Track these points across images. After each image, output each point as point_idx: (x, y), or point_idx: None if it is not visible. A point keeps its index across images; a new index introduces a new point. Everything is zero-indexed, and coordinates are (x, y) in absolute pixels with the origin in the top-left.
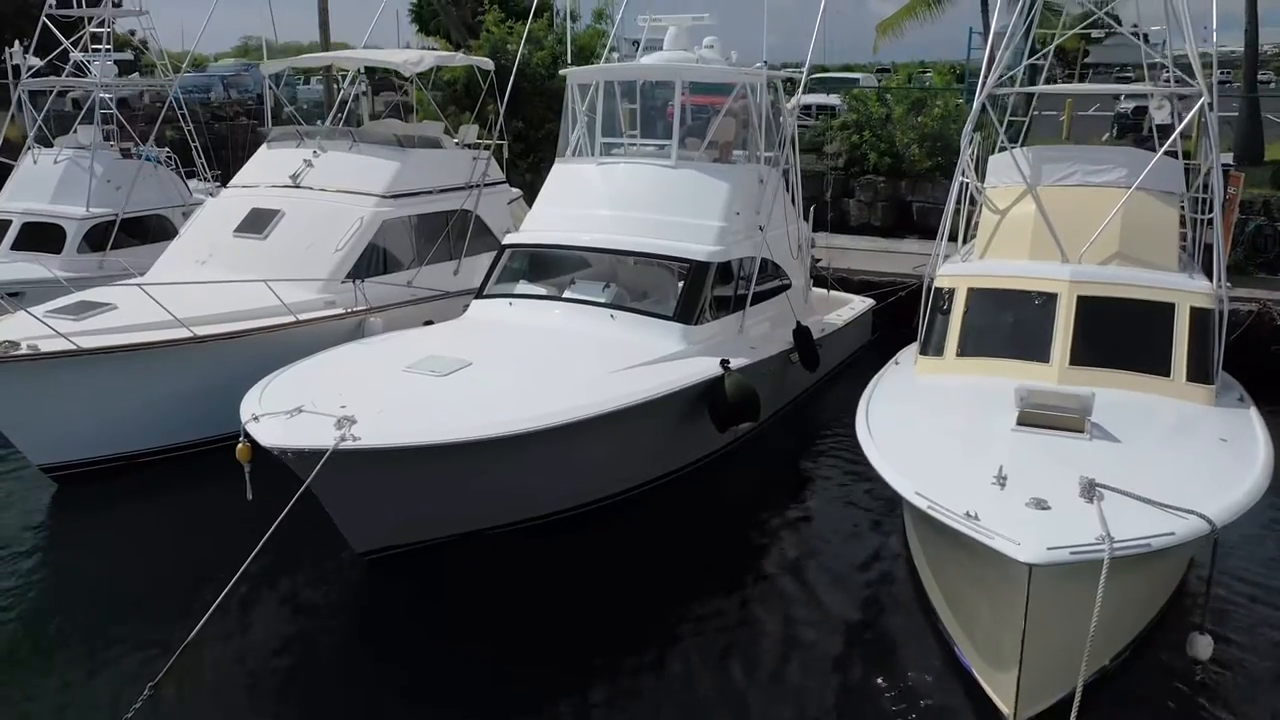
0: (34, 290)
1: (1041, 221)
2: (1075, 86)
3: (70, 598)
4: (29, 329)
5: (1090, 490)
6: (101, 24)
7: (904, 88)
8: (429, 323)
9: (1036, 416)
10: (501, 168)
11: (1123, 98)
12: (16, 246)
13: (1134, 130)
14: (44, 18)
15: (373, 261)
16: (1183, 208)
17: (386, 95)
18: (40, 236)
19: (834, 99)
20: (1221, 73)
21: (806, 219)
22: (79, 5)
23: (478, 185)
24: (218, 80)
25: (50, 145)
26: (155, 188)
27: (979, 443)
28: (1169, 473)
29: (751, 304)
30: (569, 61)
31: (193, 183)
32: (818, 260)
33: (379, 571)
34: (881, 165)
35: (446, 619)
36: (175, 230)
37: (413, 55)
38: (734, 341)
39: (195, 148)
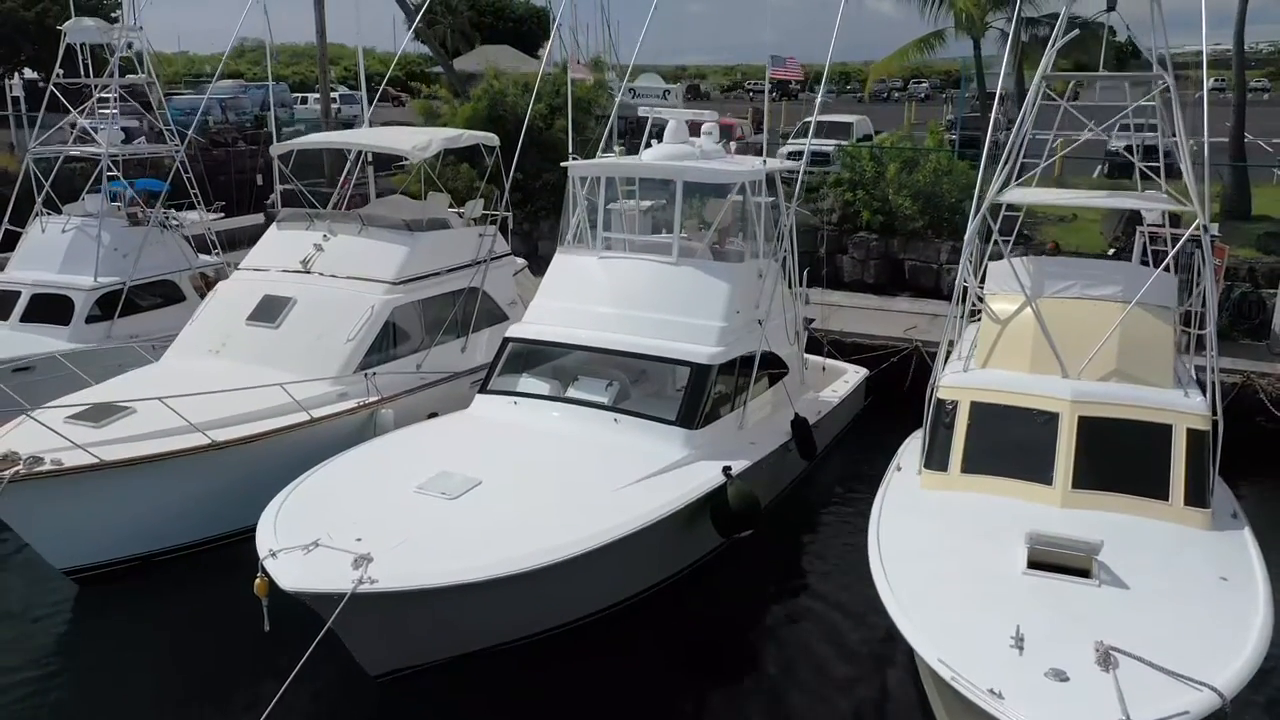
0: (43, 364)
1: (1041, 333)
2: (1073, 196)
3: (91, 708)
4: (49, 435)
5: (1106, 659)
6: (107, 90)
7: (897, 147)
8: (433, 414)
9: (1046, 555)
10: (506, 239)
11: (1114, 135)
12: (25, 318)
13: (1126, 168)
14: (52, 86)
15: (383, 348)
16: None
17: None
18: (48, 308)
19: (828, 145)
20: (1214, 80)
21: (801, 281)
22: (85, 75)
23: (484, 261)
24: (215, 103)
25: (59, 211)
26: (162, 253)
27: (993, 590)
28: (1177, 628)
29: (750, 398)
30: (569, 114)
31: (191, 214)
32: (811, 321)
33: (391, 688)
34: (874, 223)
35: None
36: (183, 295)
37: (420, 140)
38: (734, 439)
39: (195, 194)
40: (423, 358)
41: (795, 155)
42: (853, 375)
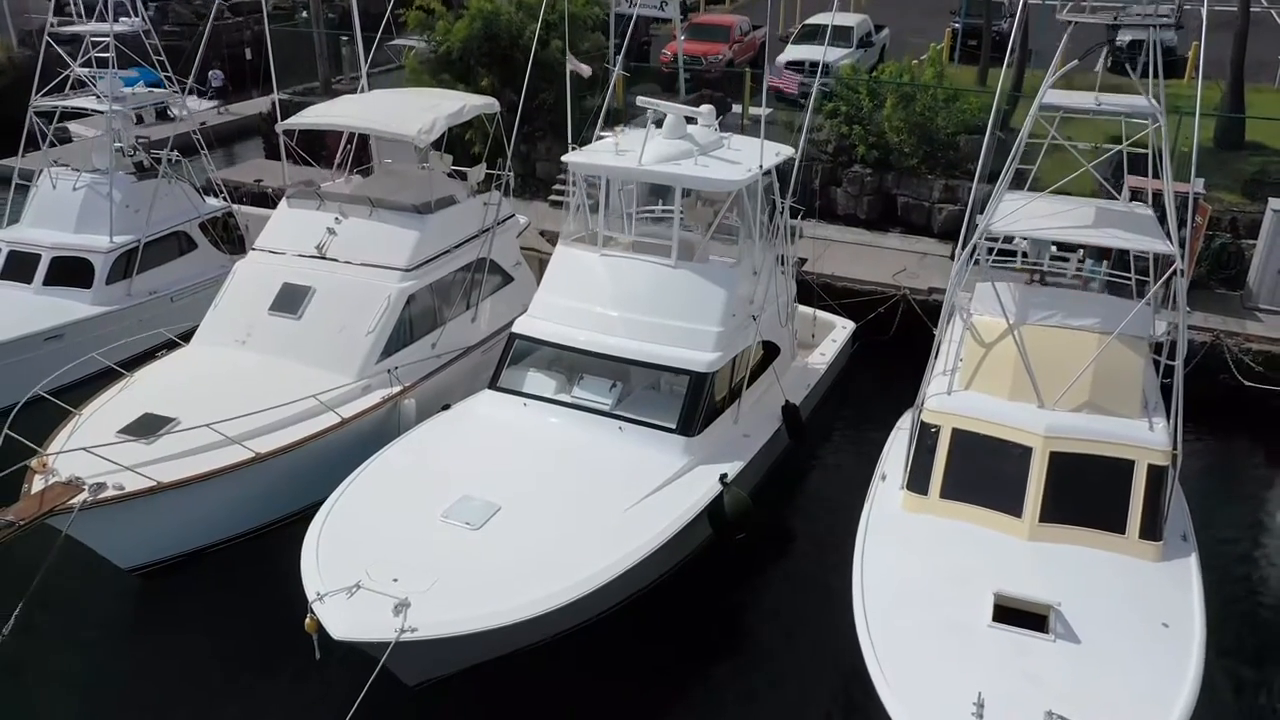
0: (72, 330)
1: (1022, 361)
2: (1064, 223)
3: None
4: (103, 451)
5: None
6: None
7: (894, 80)
8: (446, 406)
9: (1009, 602)
10: (508, 195)
11: (1121, 29)
12: (48, 281)
13: (1128, 62)
14: (47, 36)
15: (401, 335)
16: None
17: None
18: (69, 271)
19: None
20: None
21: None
22: (80, 19)
23: (491, 229)
24: None
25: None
26: (171, 204)
27: (961, 645)
28: (1119, 687)
29: (744, 388)
30: (565, 36)
31: (193, 99)
32: (803, 261)
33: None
34: (869, 157)
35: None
36: (195, 244)
37: (425, 123)
38: (729, 435)
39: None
40: (437, 336)
41: (794, 65)
42: (840, 332)
